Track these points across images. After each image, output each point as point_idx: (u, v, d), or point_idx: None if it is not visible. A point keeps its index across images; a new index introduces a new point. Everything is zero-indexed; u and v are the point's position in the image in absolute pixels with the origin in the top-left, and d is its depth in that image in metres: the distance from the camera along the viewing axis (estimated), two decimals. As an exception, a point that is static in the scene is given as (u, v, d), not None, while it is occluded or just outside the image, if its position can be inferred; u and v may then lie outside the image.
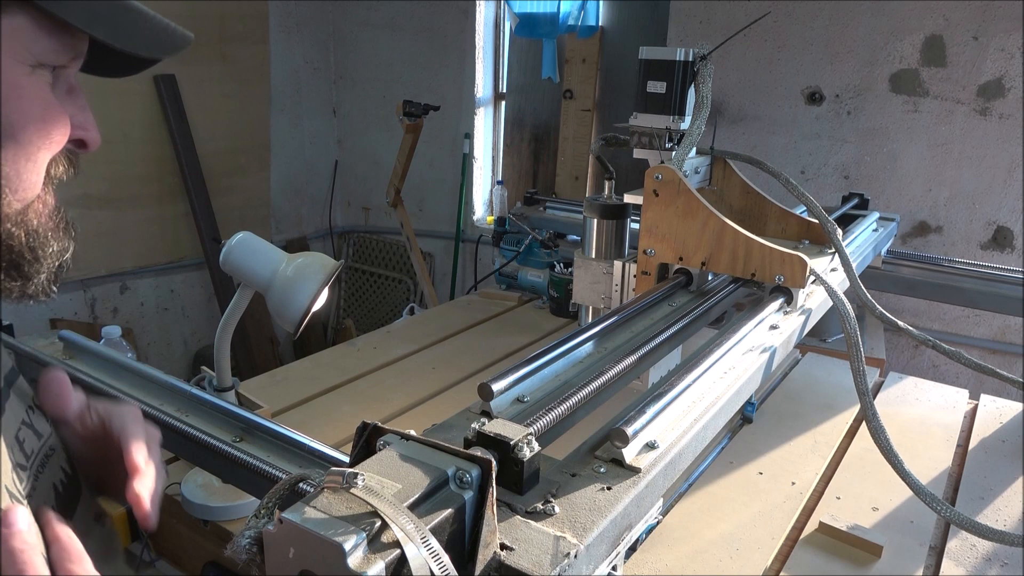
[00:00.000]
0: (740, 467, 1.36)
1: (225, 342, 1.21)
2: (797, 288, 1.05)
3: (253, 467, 0.92)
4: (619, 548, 0.62)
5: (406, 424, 0.65)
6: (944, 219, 2.85)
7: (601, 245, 1.25)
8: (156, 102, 3.52)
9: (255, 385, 1.68)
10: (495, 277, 2.44)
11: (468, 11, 3.84)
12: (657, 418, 0.71)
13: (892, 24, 2.77)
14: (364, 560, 0.45)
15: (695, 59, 1.12)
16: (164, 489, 0.71)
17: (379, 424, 0.60)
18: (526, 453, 0.59)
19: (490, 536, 0.53)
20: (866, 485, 1.32)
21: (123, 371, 1.16)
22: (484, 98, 3.99)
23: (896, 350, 2.96)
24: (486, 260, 3.90)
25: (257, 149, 4.05)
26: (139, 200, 3.54)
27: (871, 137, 2.91)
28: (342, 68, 4.37)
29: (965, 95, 2.71)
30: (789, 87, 3.02)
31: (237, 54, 3.80)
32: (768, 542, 1.15)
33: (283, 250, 1.17)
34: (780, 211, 1.30)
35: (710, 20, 3.10)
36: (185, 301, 3.88)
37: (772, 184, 1.27)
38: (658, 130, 1.15)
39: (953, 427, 1.55)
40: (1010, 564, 1.12)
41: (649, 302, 1.07)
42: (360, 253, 4.58)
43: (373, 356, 1.88)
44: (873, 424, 0.88)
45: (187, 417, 1.05)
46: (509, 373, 0.77)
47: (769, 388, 1.69)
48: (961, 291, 1.61)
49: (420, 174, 3.98)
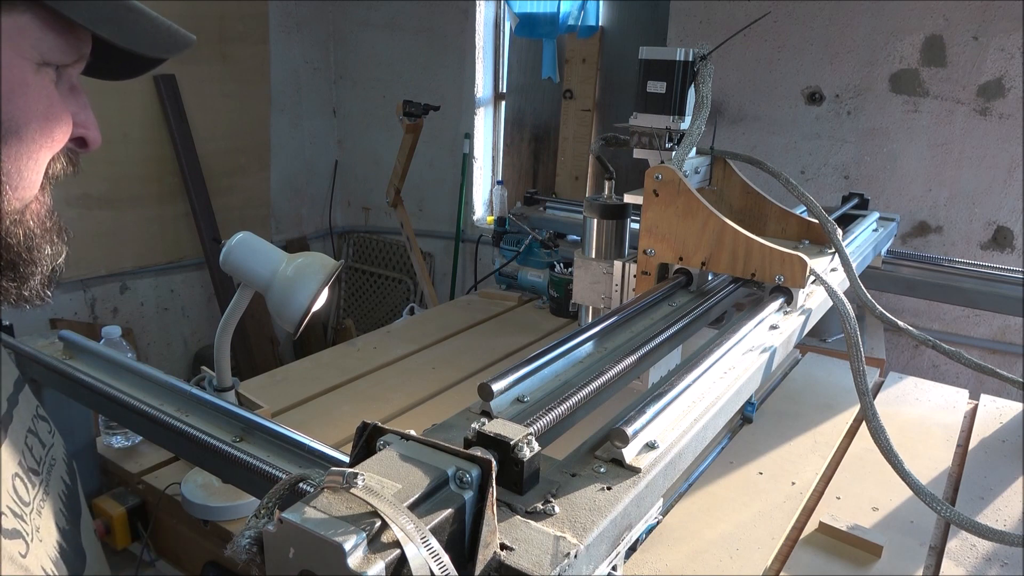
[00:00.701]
0: (740, 467, 1.36)
1: (225, 342, 1.21)
2: (797, 288, 1.05)
3: (253, 467, 0.92)
4: (619, 548, 0.62)
5: (406, 424, 0.65)
6: (944, 219, 2.85)
7: (601, 245, 1.25)
8: (156, 102, 3.52)
9: (255, 385, 1.68)
10: (495, 277, 2.44)
11: (468, 11, 3.84)
12: (657, 418, 0.71)
13: (892, 24, 2.77)
14: (364, 560, 0.45)
15: (695, 59, 1.12)
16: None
17: (379, 424, 0.60)
18: (526, 453, 0.59)
19: (490, 536, 0.53)
20: (866, 485, 1.32)
21: (123, 371, 1.16)
22: (484, 98, 3.99)
23: (896, 350, 2.96)
24: (486, 260, 3.90)
25: (257, 149, 4.05)
26: (139, 200, 3.54)
27: (871, 137, 2.91)
28: (342, 68, 4.37)
29: (965, 95, 2.71)
30: (789, 87, 3.02)
31: (237, 54, 3.80)
32: (768, 542, 1.15)
33: (283, 250, 1.17)
34: (780, 211, 1.30)
35: (710, 20, 3.10)
36: (185, 301, 3.88)
37: (772, 184, 1.27)
38: (658, 130, 1.15)
39: (953, 427, 1.55)
40: (1010, 564, 1.12)
41: (649, 302, 1.07)
42: (360, 253, 4.58)
43: (373, 356, 1.88)
44: (873, 424, 0.88)
45: (187, 417, 1.05)
46: (509, 373, 0.77)
47: (769, 388, 1.69)
48: (961, 291, 1.61)
49: (420, 174, 3.98)
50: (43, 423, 0.75)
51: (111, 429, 1.38)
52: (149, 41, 0.61)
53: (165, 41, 0.61)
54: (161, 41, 0.61)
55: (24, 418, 0.71)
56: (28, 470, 0.67)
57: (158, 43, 0.61)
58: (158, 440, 1.10)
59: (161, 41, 0.61)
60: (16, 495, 0.63)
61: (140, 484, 1.29)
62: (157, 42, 0.61)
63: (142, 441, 1.38)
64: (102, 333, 1.34)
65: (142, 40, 0.60)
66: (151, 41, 0.61)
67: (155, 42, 0.61)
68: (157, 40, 0.61)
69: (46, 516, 0.68)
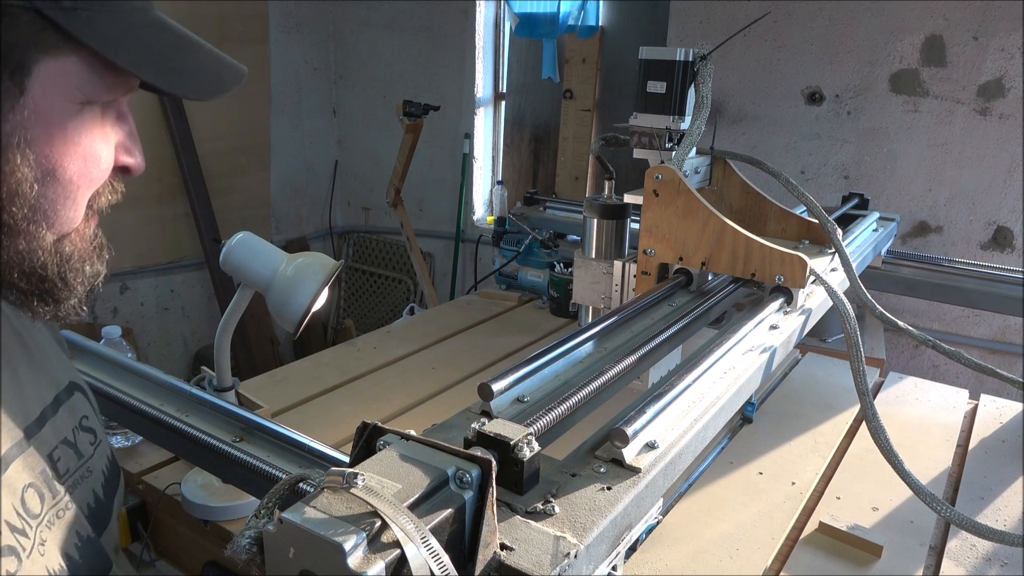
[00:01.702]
0: (740, 467, 1.36)
1: (225, 342, 1.21)
2: (797, 288, 1.05)
3: (253, 467, 0.92)
4: (619, 548, 0.62)
5: (406, 424, 0.65)
6: (944, 219, 2.85)
7: (601, 245, 1.25)
8: (156, 102, 3.52)
9: (255, 385, 1.68)
10: (495, 277, 2.44)
11: (468, 11, 3.84)
12: (657, 418, 0.71)
13: (892, 24, 2.77)
14: (364, 560, 0.45)
15: (695, 59, 1.12)
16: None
17: (379, 424, 0.60)
18: (526, 453, 0.59)
19: (490, 536, 0.53)
20: (866, 485, 1.32)
21: (123, 371, 1.16)
22: (484, 98, 3.99)
23: (896, 350, 2.96)
24: (486, 260, 3.90)
25: (257, 149, 4.05)
26: (139, 200, 3.54)
27: (871, 137, 2.91)
28: (342, 68, 4.37)
29: (965, 95, 2.71)
30: (789, 87, 3.02)
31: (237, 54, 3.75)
32: (768, 542, 1.15)
33: (283, 250, 1.17)
34: (780, 211, 1.30)
35: (710, 20, 3.10)
36: (185, 301, 3.88)
37: (772, 184, 1.27)
38: (658, 130, 1.15)
39: (953, 427, 1.55)
40: (1010, 564, 1.12)
41: (649, 302, 1.07)
42: (360, 253, 4.58)
43: (373, 356, 1.88)
44: (873, 424, 0.88)
45: (187, 417, 1.05)
46: (509, 373, 0.77)
47: (769, 388, 1.69)
48: (961, 291, 1.61)
49: (420, 174, 3.98)
50: (86, 434, 0.75)
51: (111, 429, 1.38)
52: (194, 84, 0.61)
53: (212, 82, 0.62)
54: (206, 83, 0.62)
55: (61, 429, 0.71)
56: (49, 480, 0.67)
57: (203, 86, 0.62)
58: (158, 440, 1.11)
59: (206, 83, 0.62)
60: (24, 507, 0.63)
61: (140, 484, 1.29)
62: (202, 85, 0.62)
63: (142, 441, 1.38)
64: (102, 333, 1.34)
65: (187, 83, 0.61)
66: (196, 84, 0.61)
67: (199, 85, 0.62)
68: (202, 82, 0.61)
69: (59, 528, 0.68)
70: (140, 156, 0.65)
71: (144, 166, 0.66)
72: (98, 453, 0.76)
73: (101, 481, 0.76)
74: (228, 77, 0.63)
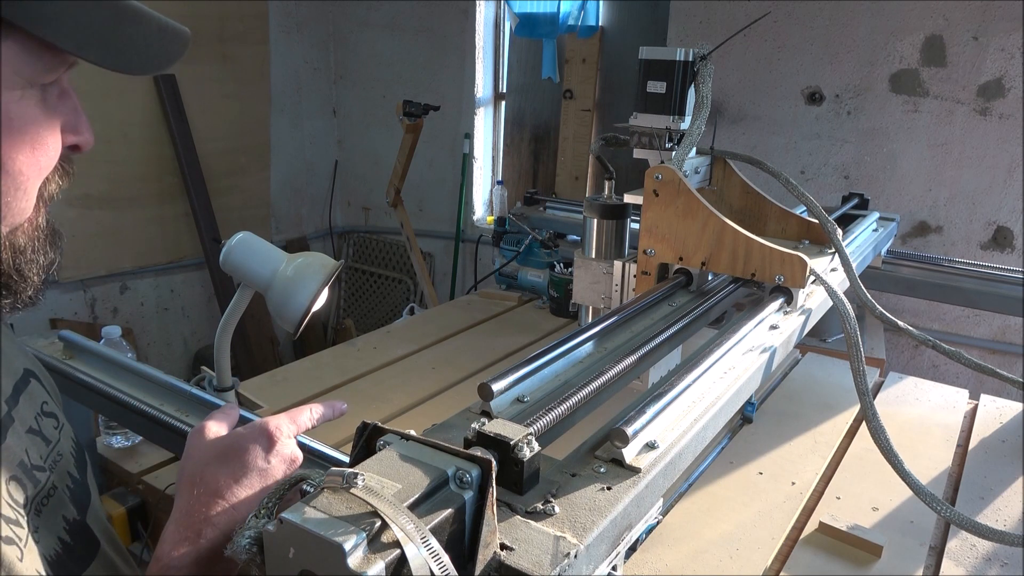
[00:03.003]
0: (740, 467, 1.36)
1: (225, 342, 1.21)
2: (797, 288, 1.05)
3: (253, 467, 0.92)
4: (619, 548, 0.62)
5: (406, 424, 0.65)
6: (944, 219, 2.85)
7: (601, 245, 1.25)
8: (156, 102, 3.52)
9: (255, 385, 1.68)
10: (495, 277, 2.44)
11: (468, 11, 3.84)
12: (657, 418, 0.71)
13: (892, 24, 2.77)
14: (364, 560, 0.45)
15: (695, 59, 1.12)
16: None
17: (379, 424, 0.60)
18: (526, 453, 0.59)
19: (490, 536, 0.53)
20: (866, 485, 1.32)
21: (123, 371, 1.16)
22: (484, 98, 3.99)
23: (896, 350, 2.96)
24: (486, 260, 3.90)
25: (257, 149, 4.05)
26: (139, 200, 3.54)
27: (871, 137, 2.91)
28: (342, 68, 4.37)
29: (965, 95, 2.71)
30: (789, 87, 3.02)
31: (237, 54, 3.80)
32: (768, 542, 1.15)
33: (283, 250, 1.17)
34: (780, 211, 1.30)
35: (710, 20, 3.10)
36: (185, 301, 3.88)
37: (772, 184, 1.27)
38: (658, 130, 1.15)
39: (953, 427, 1.55)
40: (1010, 564, 1.12)
41: (649, 302, 1.07)
42: (360, 253, 4.58)
43: (373, 356, 1.88)
44: (873, 424, 0.88)
45: (187, 417, 1.05)
46: (509, 373, 0.77)
47: (769, 388, 1.69)
48: (961, 291, 1.61)
49: (420, 174, 3.98)
50: (48, 419, 0.75)
51: (111, 429, 1.38)
52: (140, 60, 0.59)
53: (156, 57, 0.60)
54: (152, 57, 0.60)
55: (26, 418, 0.71)
56: (29, 470, 0.67)
57: (148, 61, 0.59)
58: (158, 440, 1.11)
59: (152, 57, 0.60)
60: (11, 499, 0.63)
61: (140, 484, 1.29)
62: (148, 60, 0.59)
63: (142, 441, 1.38)
64: (102, 333, 1.34)
65: (132, 60, 0.58)
66: (142, 59, 0.59)
67: (145, 60, 0.59)
68: (148, 57, 0.59)
69: (47, 514, 0.68)
70: (88, 131, 0.63)
71: (93, 140, 0.63)
72: (63, 436, 0.76)
73: (72, 463, 0.76)
74: (173, 47, 0.61)
